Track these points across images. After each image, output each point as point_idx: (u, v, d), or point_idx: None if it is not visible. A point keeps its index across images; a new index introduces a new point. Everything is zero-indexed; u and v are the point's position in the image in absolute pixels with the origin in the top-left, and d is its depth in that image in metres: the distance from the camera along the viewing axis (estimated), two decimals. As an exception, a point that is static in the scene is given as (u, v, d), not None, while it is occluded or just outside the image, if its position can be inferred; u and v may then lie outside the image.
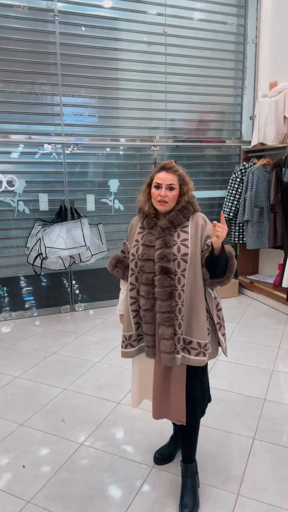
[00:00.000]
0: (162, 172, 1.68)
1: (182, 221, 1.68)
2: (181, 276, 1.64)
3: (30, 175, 3.95)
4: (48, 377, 2.84)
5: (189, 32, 4.29)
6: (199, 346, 1.66)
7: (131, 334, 1.79)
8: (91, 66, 3.98)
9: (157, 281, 1.64)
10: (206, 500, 1.76)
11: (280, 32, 4.31)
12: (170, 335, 1.64)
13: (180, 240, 1.65)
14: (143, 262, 1.68)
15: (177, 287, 1.65)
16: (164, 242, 1.64)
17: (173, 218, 1.67)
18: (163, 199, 1.65)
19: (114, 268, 1.87)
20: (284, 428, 2.26)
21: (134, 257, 1.74)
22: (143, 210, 1.75)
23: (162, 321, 1.64)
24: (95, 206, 4.18)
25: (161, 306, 1.64)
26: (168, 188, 1.66)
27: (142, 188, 1.77)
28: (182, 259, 1.64)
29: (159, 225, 1.68)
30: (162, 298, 1.63)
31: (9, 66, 3.71)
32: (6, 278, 4.07)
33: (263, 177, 4.14)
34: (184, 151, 4.50)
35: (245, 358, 3.07)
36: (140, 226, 1.77)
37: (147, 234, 1.70)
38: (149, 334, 1.71)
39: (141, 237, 1.73)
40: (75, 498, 1.79)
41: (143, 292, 1.69)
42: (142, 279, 1.69)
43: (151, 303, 1.67)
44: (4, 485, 1.87)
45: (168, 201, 1.66)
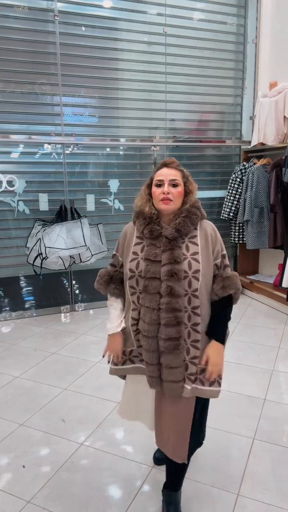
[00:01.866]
0: (164, 168, 1.49)
1: (190, 230, 1.45)
2: (192, 296, 1.42)
3: (30, 175, 3.95)
4: (48, 377, 2.84)
5: (189, 32, 4.29)
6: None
7: (132, 350, 1.57)
8: (91, 66, 3.98)
9: (165, 305, 1.40)
10: (206, 500, 1.76)
11: (280, 32, 4.30)
12: (179, 363, 1.43)
13: (190, 253, 1.43)
14: (147, 281, 1.42)
15: (187, 308, 1.43)
16: (172, 256, 1.40)
17: (180, 225, 1.43)
18: (166, 196, 1.44)
19: (107, 286, 1.59)
20: (284, 428, 2.26)
21: (133, 274, 1.47)
22: (142, 212, 1.51)
23: (169, 349, 1.42)
24: (95, 206, 4.18)
25: (168, 332, 1.40)
26: (172, 184, 1.45)
27: (140, 191, 1.57)
28: (193, 276, 1.41)
29: (165, 235, 1.43)
30: (170, 324, 1.40)
31: (9, 66, 3.71)
32: (6, 278, 4.07)
33: (263, 177, 4.14)
34: (184, 151, 4.50)
35: (245, 358, 3.07)
36: (138, 235, 1.51)
37: (149, 245, 1.44)
38: (152, 364, 1.47)
39: (140, 249, 1.47)
40: (75, 498, 1.79)
41: (147, 318, 1.43)
42: (145, 301, 1.43)
43: (155, 329, 1.43)
44: (4, 485, 1.87)
45: (173, 199, 1.45)
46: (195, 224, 1.47)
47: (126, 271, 1.50)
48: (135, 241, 1.52)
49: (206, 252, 1.45)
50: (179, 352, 1.43)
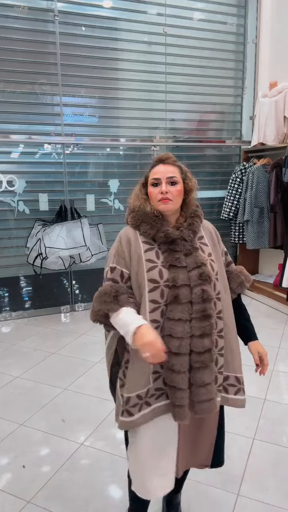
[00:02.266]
0: (159, 165, 1.35)
1: (198, 228, 1.38)
2: (216, 300, 1.32)
3: (30, 175, 3.95)
4: (48, 377, 2.84)
5: (189, 32, 4.29)
6: (238, 382, 1.39)
7: (148, 389, 1.28)
8: (91, 66, 3.98)
9: (200, 313, 1.24)
10: (206, 500, 1.76)
11: (280, 32, 4.30)
12: (212, 377, 1.27)
13: (206, 255, 1.34)
14: (177, 290, 1.24)
15: (213, 315, 1.31)
16: (197, 259, 1.29)
17: (194, 226, 1.34)
18: (165, 196, 1.30)
19: (116, 300, 1.25)
20: (284, 428, 2.26)
21: (158, 285, 1.26)
22: (146, 214, 1.33)
23: (204, 363, 1.25)
24: (95, 206, 4.18)
25: (204, 344, 1.24)
26: (170, 182, 1.32)
27: (134, 191, 1.42)
28: (216, 278, 1.34)
29: (183, 237, 1.31)
30: (207, 333, 1.25)
31: (9, 66, 3.71)
32: (6, 278, 4.07)
33: (263, 177, 4.14)
34: (184, 151, 4.50)
35: (245, 358, 3.06)
36: (144, 240, 1.32)
37: (166, 251, 1.29)
38: (181, 389, 1.25)
39: (154, 255, 1.29)
40: (75, 498, 1.79)
41: (179, 332, 1.23)
42: (176, 313, 1.24)
43: (188, 344, 1.24)
44: (4, 485, 1.87)
45: (172, 198, 1.31)
46: (199, 224, 1.40)
47: (143, 283, 1.26)
48: (143, 248, 1.31)
49: (216, 251, 1.39)
50: (212, 364, 1.28)
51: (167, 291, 1.26)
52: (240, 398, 1.40)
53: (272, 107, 4.13)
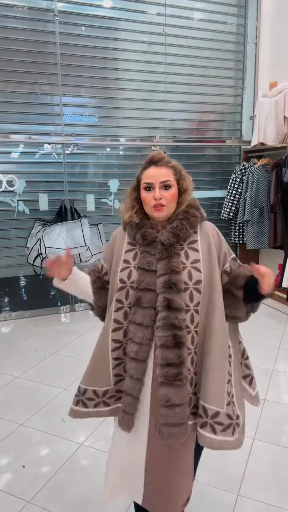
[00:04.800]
0: (151, 168, 1.27)
1: (189, 234, 1.25)
2: (194, 312, 1.21)
3: (30, 175, 3.95)
4: (48, 377, 2.84)
5: (189, 32, 4.29)
6: (205, 414, 1.21)
7: (108, 390, 1.29)
8: (91, 66, 3.98)
9: (161, 321, 1.18)
10: (206, 500, 1.76)
11: (280, 32, 4.30)
12: (181, 399, 1.17)
13: (190, 262, 1.23)
14: (139, 293, 1.22)
15: (190, 328, 1.21)
16: (169, 265, 1.20)
17: (177, 229, 1.23)
18: (158, 202, 1.23)
19: (91, 274, 1.44)
20: (284, 428, 2.26)
21: (124, 285, 1.26)
22: (126, 221, 1.32)
23: (168, 378, 1.16)
24: (95, 206, 4.18)
25: (165, 356, 1.16)
26: (163, 186, 1.24)
27: (125, 195, 1.36)
28: (195, 288, 1.21)
29: (160, 240, 1.23)
30: (168, 345, 1.16)
31: (9, 66, 3.71)
32: (6, 278, 4.07)
33: (263, 177, 4.14)
34: (184, 151, 4.50)
35: (245, 358, 3.07)
36: (129, 241, 1.31)
37: (142, 253, 1.25)
38: (131, 396, 1.22)
39: (132, 256, 1.27)
40: (75, 498, 1.79)
41: (137, 337, 1.20)
42: (136, 316, 1.21)
43: (146, 351, 1.21)
44: (4, 485, 1.87)
45: (166, 204, 1.24)
46: (194, 227, 1.27)
47: (114, 282, 1.29)
48: (126, 248, 1.31)
49: (209, 258, 1.25)
50: (181, 384, 1.17)
51: (132, 292, 1.24)
52: (205, 435, 1.19)
53: (272, 107, 4.13)
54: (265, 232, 4.22)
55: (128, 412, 1.23)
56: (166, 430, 1.17)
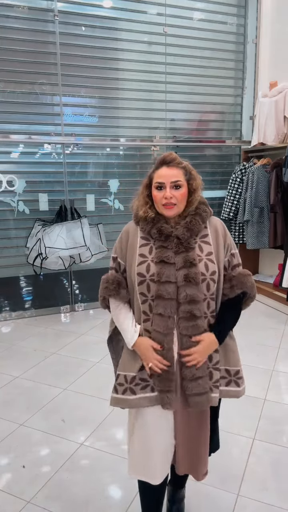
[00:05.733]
0: (163, 168, 1.34)
1: (201, 228, 1.35)
2: (210, 300, 1.34)
3: (30, 175, 3.95)
4: (48, 377, 2.84)
5: (189, 32, 4.29)
6: (228, 374, 1.42)
7: (135, 376, 1.36)
8: (91, 66, 3.98)
9: (183, 313, 1.29)
10: (206, 500, 1.76)
11: (280, 32, 4.30)
12: (203, 372, 1.33)
13: (204, 254, 1.33)
14: (160, 286, 1.29)
15: (207, 313, 1.35)
16: (187, 258, 1.30)
17: (191, 224, 1.33)
18: (169, 201, 1.31)
19: (118, 292, 1.39)
20: (284, 428, 2.26)
21: (144, 279, 1.32)
22: (138, 215, 1.38)
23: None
24: (95, 206, 4.18)
25: (188, 343, 1.31)
26: (174, 186, 1.31)
27: (138, 192, 1.42)
28: (211, 279, 1.33)
29: (176, 235, 1.32)
30: (190, 334, 1.31)
31: (9, 66, 3.71)
32: (6, 278, 4.07)
33: (263, 177, 4.14)
34: (184, 151, 4.50)
35: (245, 358, 3.06)
36: (142, 236, 1.38)
37: (158, 247, 1.32)
38: (167, 379, 1.32)
39: (148, 250, 1.34)
40: (75, 498, 1.79)
41: (161, 327, 1.30)
42: (159, 308, 1.29)
43: (171, 340, 1.32)
44: (4, 485, 1.87)
45: (177, 203, 1.32)
46: (205, 222, 1.38)
47: (133, 276, 1.34)
48: (140, 242, 1.37)
49: (219, 250, 1.36)
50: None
51: (153, 286, 1.31)
52: (231, 389, 1.42)
53: (272, 107, 4.13)
54: (265, 232, 4.23)
55: (170, 390, 1.33)
56: (192, 400, 1.32)
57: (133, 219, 1.43)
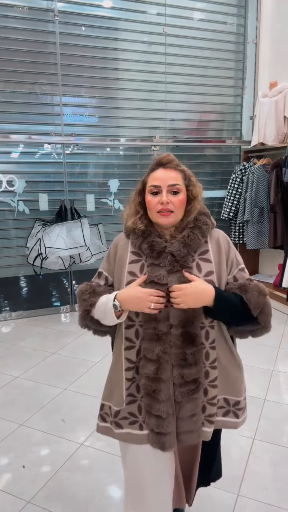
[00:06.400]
0: (159, 170, 1.18)
1: (200, 243, 1.17)
2: (209, 328, 1.17)
3: (30, 175, 3.95)
4: (48, 377, 2.84)
5: (189, 32, 4.29)
6: (227, 404, 1.27)
7: (119, 410, 1.21)
8: (91, 66, 3.98)
9: (175, 337, 1.13)
10: (206, 500, 1.76)
11: (280, 32, 4.30)
12: (197, 410, 1.18)
13: (203, 274, 1.16)
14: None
15: (205, 344, 1.17)
16: (182, 279, 1.12)
17: (189, 239, 1.15)
18: (165, 207, 1.14)
19: (93, 295, 1.23)
20: (284, 428, 2.26)
21: None
22: (129, 227, 1.21)
23: (188, 395, 1.15)
24: (95, 206, 4.18)
25: (186, 373, 1.14)
26: (171, 191, 1.15)
27: (129, 198, 1.26)
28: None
29: (170, 251, 1.15)
30: (188, 363, 1.13)
31: (9, 66, 3.71)
32: (6, 278, 4.07)
33: (263, 177, 4.14)
34: (184, 151, 4.50)
35: (245, 358, 3.05)
36: (133, 250, 1.20)
37: (150, 265, 1.15)
38: (161, 417, 1.15)
39: (138, 268, 1.18)
40: (75, 498, 1.79)
41: (154, 354, 1.13)
42: (148, 333, 1.14)
43: (166, 368, 1.14)
44: (4, 485, 1.87)
45: (174, 210, 1.15)
46: (205, 237, 1.18)
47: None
48: (130, 258, 1.20)
49: (221, 269, 1.19)
50: (198, 396, 1.17)
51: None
52: (229, 420, 1.27)
53: (272, 107, 4.13)
54: (265, 232, 4.23)
55: (169, 431, 1.16)
56: (181, 436, 1.18)
57: (123, 231, 1.26)
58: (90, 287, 1.24)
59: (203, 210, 1.24)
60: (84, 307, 1.23)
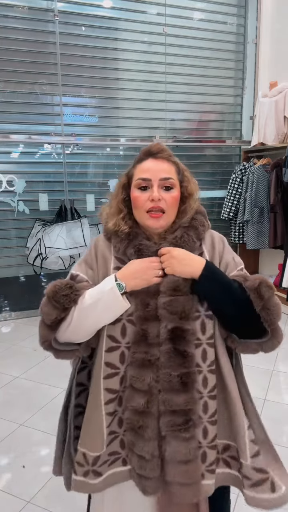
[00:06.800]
0: (148, 160, 0.99)
1: (195, 246, 0.99)
2: (207, 346, 0.95)
3: (30, 175, 3.95)
4: (48, 377, 2.84)
5: (189, 32, 4.29)
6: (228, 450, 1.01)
7: (99, 456, 0.99)
8: (91, 66, 3.98)
9: (166, 356, 0.92)
10: (206, 500, 1.76)
11: (280, 32, 4.30)
12: (191, 454, 0.91)
13: None
14: (142, 324, 0.94)
15: (202, 367, 0.95)
16: (174, 286, 0.93)
17: (182, 241, 0.97)
18: (157, 205, 0.95)
19: (74, 291, 0.98)
20: (284, 428, 2.26)
21: (120, 317, 0.97)
22: (110, 229, 1.02)
23: (173, 429, 0.91)
24: (95, 206, 4.18)
25: (171, 402, 0.91)
26: (163, 186, 0.96)
27: (110, 194, 1.11)
28: (206, 315, 0.96)
29: (161, 254, 0.97)
30: (174, 388, 0.91)
31: (9, 66, 3.71)
32: (6, 278, 4.07)
33: (263, 177, 4.14)
34: (184, 151, 4.50)
35: (245, 358, 3.06)
36: (117, 256, 1.01)
37: None
38: (145, 459, 0.93)
39: None
40: (75, 498, 1.79)
41: (142, 384, 0.92)
42: (138, 358, 0.93)
43: (154, 399, 0.93)
44: (4, 485, 1.87)
45: (166, 209, 0.96)
46: (200, 239, 1.02)
47: None
48: (114, 264, 1.00)
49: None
50: (189, 435, 0.91)
51: (130, 327, 0.95)
52: (233, 473, 0.99)
53: (272, 107, 4.13)
54: (265, 232, 4.23)
55: (151, 476, 0.93)
56: (175, 489, 0.93)
57: (103, 234, 1.06)
58: (67, 283, 0.99)
59: (200, 209, 1.05)
60: (61, 306, 1.01)
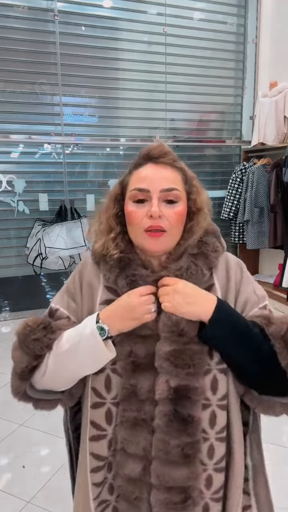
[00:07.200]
0: (148, 166, 0.79)
1: (203, 277, 0.79)
2: (218, 408, 0.76)
3: (30, 175, 3.94)
4: (48, 377, 2.84)
5: (189, 32, 4.29)
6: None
7: None
8: (91, 66, 3.97)
9: (164, 419, 0.74)
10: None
11: (280, 32, 4.30)
12: (194, 505, 0.76)
13: None
14: (133, 376, 0.76)
15: (208, 433, 0.76)
16: (179, 330, 0.74)
17: (188, 273, 0.77)
18: (156, 223, 0.76)
19: (49, 331, 0.87)
20: (284, 428, 2.26)
21: (104, 367, 0.80)
22: (98, 252, 0.83)
23: (162, 505, 0.75)
24: (95, 206, 4.18)
25: (167, 477, 0.74)
26: (165, 199, 0.77)
27: (101, 210, 0.86)
28: (219, 370, 0.77)
29: (160, 286, 0.78)
30: (172, 460, 0.73)
31: (9, 66, 3.71)
32: (6, 278, 4.07)
33: (263, 177, 4.14)
34: (184, 151, 4.50)
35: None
36: (107, 285, 0.82)
37: None
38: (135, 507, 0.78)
39: None
40: (75, 498, 1.79)
41: (137, 447, 0.75)
42: (129, 417, 0.76)
43: (147, 467, 0.76)
44: (4, 485, 1.87)
45: (169, 229, 0.77)
46: (211, 266, 0.81)
47: None
48: (101, 296, 0.82)
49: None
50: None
51: (116, 378, 0.78)
52: None
53: (272, 107, 4.13)
54: (265, 232, 4.23)
55: None
56: None
57: (91, 257, 0.86)
58: (42, 321, 0.85)
59: (212, 229, 0.84)
60: (32, 353, 0.84)
